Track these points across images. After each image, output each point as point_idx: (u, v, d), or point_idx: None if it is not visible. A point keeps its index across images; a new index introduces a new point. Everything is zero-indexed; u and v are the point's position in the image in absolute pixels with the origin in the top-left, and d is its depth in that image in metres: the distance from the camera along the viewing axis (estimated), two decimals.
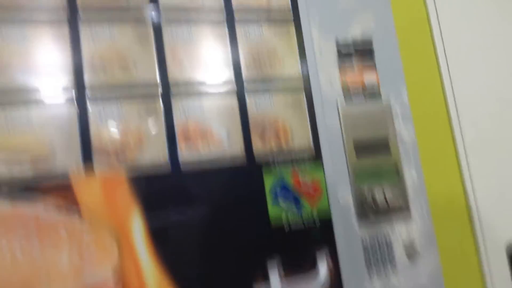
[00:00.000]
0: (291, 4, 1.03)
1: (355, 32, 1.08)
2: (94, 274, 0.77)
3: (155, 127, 0.87)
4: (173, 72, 0.91)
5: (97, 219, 0.79)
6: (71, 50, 0.85)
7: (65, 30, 0.86)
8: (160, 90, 0.89)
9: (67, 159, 0.81)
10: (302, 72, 1.01)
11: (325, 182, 0.97)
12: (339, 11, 1.08)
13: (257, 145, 0.93)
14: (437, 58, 1.26)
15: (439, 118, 1.19)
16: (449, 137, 1.19)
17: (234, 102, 0.94)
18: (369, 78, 1.08)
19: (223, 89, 0.94)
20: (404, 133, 1.08)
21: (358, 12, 1.09)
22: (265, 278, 0.88)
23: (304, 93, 1.00)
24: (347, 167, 1.03)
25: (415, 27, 1.28)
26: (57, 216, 0.77)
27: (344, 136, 1.02)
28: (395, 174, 1.06)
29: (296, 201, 0.94)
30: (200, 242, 0.86)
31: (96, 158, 0.83)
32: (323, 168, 0.97)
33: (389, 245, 1.01)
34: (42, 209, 0.77)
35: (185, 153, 0.88)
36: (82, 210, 0.79)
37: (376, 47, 1.09)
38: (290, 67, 1.00)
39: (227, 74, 0.95)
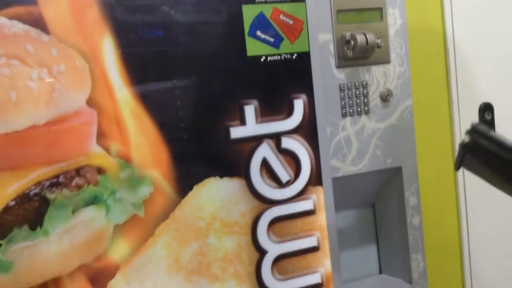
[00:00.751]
0: None
1: None
2: (66, 100, 0.73)
3: None
4: None
5: (66, 39, 0.74)
6: None
7: None
8: None
9: None
10: None
11: (306, 19, 0.92)
12: None
13: None
14: None
15: None
16: None
17: None
18: None
19: None
20: None
21: None
22: (242, 118, 0.87)
23: None
24: (330, 6, 0.98)
25: None
26: (24, 38, 0.71)
27: None
28: (378, 17, 1.02)
29: (276, 35, 0.90)
30: (175, 71, 0.82)
31: None
32: (306, 6, 0.92)
33: (365, 87, 1.01)
34: (7, 21, 0.70)
35: None
36: (50, 27, 0.73)
37: None
38: None
39: None
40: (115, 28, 0.77)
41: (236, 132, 0.87)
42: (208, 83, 0.86)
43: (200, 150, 0.85)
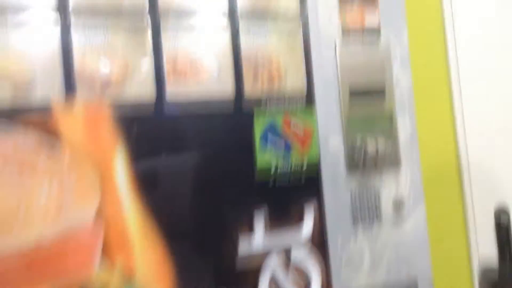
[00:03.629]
0: None
1: None
2: (74, 214, 0.72)
3: (142, 58, 0.80)
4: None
5: (79, 153, 0.74)
6: None
7: None
8: (149, 19, 0.81)
9: (48, 87, 0.74)
10: (301, 8, 0.94)
11: (317, 128, 0.92)
12: None
13: (249, 84, 0.88)
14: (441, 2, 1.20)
15: (438, 67, 1.15)
16: (446, 88, 1.16)
17: (227, 36, 0.87)
18: (370, 18, 1.02)
19: (216, 22, 0.87)
20: (401, 78, 1.04)
21: None
22: (250, 227, 0.85)
23: (301, 31, 0.93)
24: (340, 113, 0.98)
25: None
26: (36, 147, 0.71)
27: (339, 79, 0.97)
28: (389, 123, 1.02)
29: (286, 146, 0.90)
30: (186, 187, 0.82)
31: (79, 87, 0.76)
32: (316, 113, 0.93)
33: (376, 198, 0.99)
34: (21, 139, 0.71)
35: (173, 87, 0.82)
36: (63, 142, 0.73)
37: None
38: (288, 2, 0.93)
39: (221, 5, 0.88)
40: (129, 141, 0.77)
41: (245, 243, 0.84)
42: (217, 193, 0.85)
43: (208, 264, 0.82)
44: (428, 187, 1.07)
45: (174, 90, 0.82)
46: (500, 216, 1.19)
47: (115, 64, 0.77)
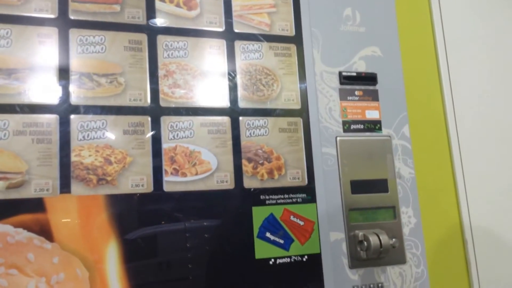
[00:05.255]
0: (295, 29, 0.98)
1: (359, 62, 1.03)
2: None
3: (141, 149, 0.81)
4: (164, 89, 0.85)
5: (70, 246, 0.73)
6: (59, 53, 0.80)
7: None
8: (149, 107, 0.83)
9: (43, 179, 0.75)
10: (301, 100, 0.96)
11: (317, 221, 0.91)
12: (344, 41, 1.03)
13: (248, 176, 0.88)
14: (442, 96, 1.22)
15: (441, 158, 1.15)
16: (450, 180, 1.15)
17: (226, 127, 0.88)
18: (371, 111, 1.03)
19: (216, 114, 0.89)
20: (403, 172, 1.03)
21: (365, 43, 1.05)
22: None
23: (302, 125, 0.95)
24: (342, 206, 0.97)
25: (423, 63, 1.24)
26: (27, 238, 0.71)
27: (340, 172, 0.97)
28: (392, 216, 1.00)
29: (285, 239, 0.88)
30: (178, 276, 0.79)
31: (74, 179, 0.76)
32: (317, 206, 0.92)
33: None
34: (12, 229, 0.71)
35: (170, 180, 0.82)
36: (55, 235, 0.72)
37: (380, 79, 1.04)
38: (289, 94, 0.95)
39: (222, 98, 0.90)
40: (121, 235, 0.76)
41: None
42: (215, 282, 0.82)
43: None
44: (434, 281, 1.03)
45: (173, 182, 0.82)
46: None
47: (111, 160, 0.78)
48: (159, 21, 0.87)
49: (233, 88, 0.91)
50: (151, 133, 0.82)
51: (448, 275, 1.09)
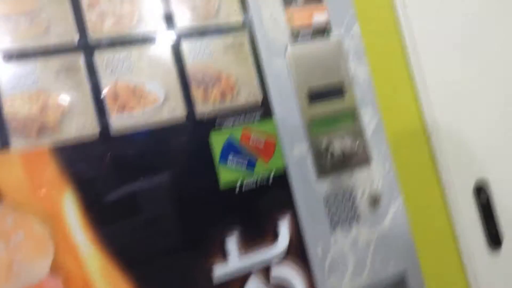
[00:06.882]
0: None
1: None
2: (29, 272, 0.67)
3: (78, 90, 0.75)
4: (93, 23, 0.78)
5: (23, 204, 0.68)
6: None
7: None
8: (78, 43, 0.76)
9: None
10: (244, 17, 0.90)
11: (278, 136, 0.89)
12: None
13: (200, 102, 0.83)
14: None
15: (394, 52, 1.12)
16: (405, 70, 1.13)
17: (168, 54, 0.82)
18: (317, 16, 0.98)
19: (154, 39, 0.82)
20: (358, 72, 1.01)
21: None
22: (223, 251, 0.80)
23: (247, 39, 0.89)
24: (301, 117, 0.95)
25: None
26: None
27: (295, 83, 0.93)
28: (352, 119, 0.99)
29: (248, 159, 0.85)
30: (144, 217, 0.77)
31: (12, 133, 0.70)
32: (275, 122, 0.89)
33: (351, 196, 0.96)
34: None
35: (116, 119, 0.77)
36: (4, 195, 0.68)
37: None
38: (229, 11, 0.89)
39: (158, 21, 0.83)
40: (77, 181, 0.72)
41: (220, 270, 0.79)
42: (182, 219, 0.80)
43: None
44: (402, 177, 1.04)
45: (119, 122, 0.77)
46: (479, 195, 1.17)
47: (49, 105, 0.72)
48: None
49: (167, 9, 0.84)
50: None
51: (414, 170, 1.11)
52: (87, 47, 0.77)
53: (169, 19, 0.84)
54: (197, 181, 0.81)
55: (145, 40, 0.81)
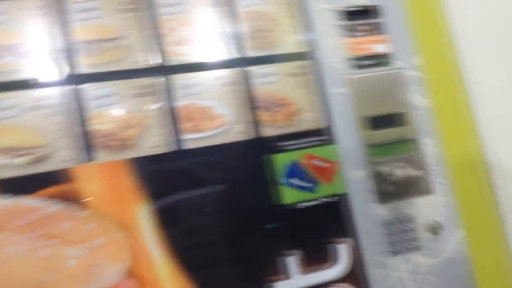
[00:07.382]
0: None
1: None
2: (107, 274, 0.71)
3: (155, 110, 0.81)
4: (171, 49, 0.84)
5: (105, 212, 0.74)
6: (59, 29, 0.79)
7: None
8: (157, 67, 0.83)
9: (64, 150, 0.75)
10: (308, 45, 0.95)
11: (340, 161, 0.91)
12: None
13: (265, 125, 0.87)
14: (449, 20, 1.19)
15: (455, 84, 1.13)
16: (466, 102, 1.13)
17: (237, 78, 0.87)
18: (379, 46, 1.01)
19: (223, 66, 0.88)
20: (419, 102, 1.02)
21: None
22: (284, 270, 0.82)
23: (310, 68, 0.93)
24: (362, 144, 0.96)
25: None
26: (59, 209, 0.72)
27: (356, 110, 0.96)
28: (412, 148, 1.00)
29: (310, 182, 0.88)
30: (211, 231, 0.80)
31: (95, 147, 0.77)
32: (337, 147, 0.91)
33: (411, 224, 0.96)
34: (44, 202, 0.71)
35: (188, 137, 0.82)
36: (86, 202, 0.73)
37: (384, 11, 1.02)
38: (293, 39, 0.94)
39: (228, 49, 0.89)
40: (151, 195, 0.77)
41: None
42: (246, 238, 0.83)
43: None
44: (462, 208, 1.03)
45: (191, 141, 0.82)
46: None
47: (129, 123, 0.78)
48: None
49: (236, 38, 0.89)
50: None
51: (474, 202, 1.09)
52: (164, 71, 0.83)
53: (240, 48, 0.89)
54: (262, 199, 0.84)
55: (216, 65, 0.87)
